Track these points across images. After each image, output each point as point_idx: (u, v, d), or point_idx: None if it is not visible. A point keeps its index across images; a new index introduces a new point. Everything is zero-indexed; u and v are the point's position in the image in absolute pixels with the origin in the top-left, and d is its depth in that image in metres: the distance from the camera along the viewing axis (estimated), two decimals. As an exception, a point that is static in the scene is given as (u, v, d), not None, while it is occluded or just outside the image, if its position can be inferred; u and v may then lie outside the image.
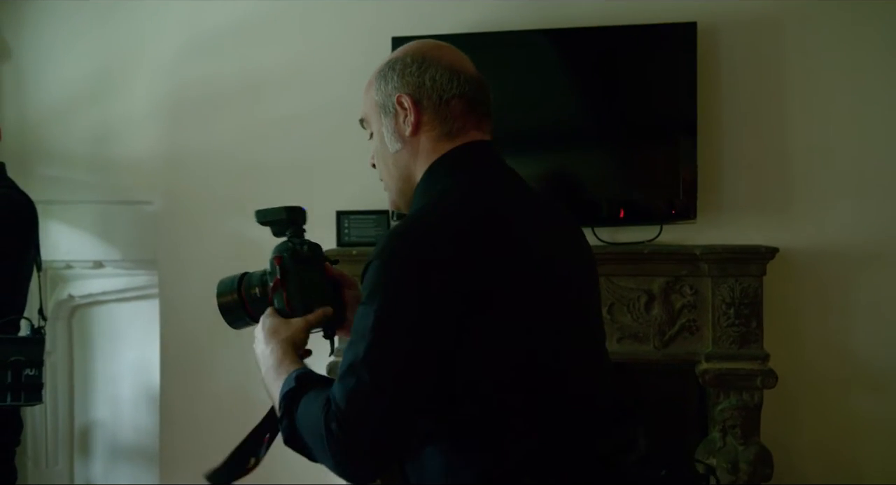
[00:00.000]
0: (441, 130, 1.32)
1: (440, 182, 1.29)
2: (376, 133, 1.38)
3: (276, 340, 1.35)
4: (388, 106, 1.33)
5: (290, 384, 1.24)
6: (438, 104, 1.31)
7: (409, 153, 1.33)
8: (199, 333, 3.14)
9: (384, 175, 1.40)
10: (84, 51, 3.21)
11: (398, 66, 1.33)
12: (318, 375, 1.27)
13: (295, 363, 1.31)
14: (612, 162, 2.85)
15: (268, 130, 3.08)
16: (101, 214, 3.22)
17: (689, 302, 2.69)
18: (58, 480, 3.32)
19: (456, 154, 1.31)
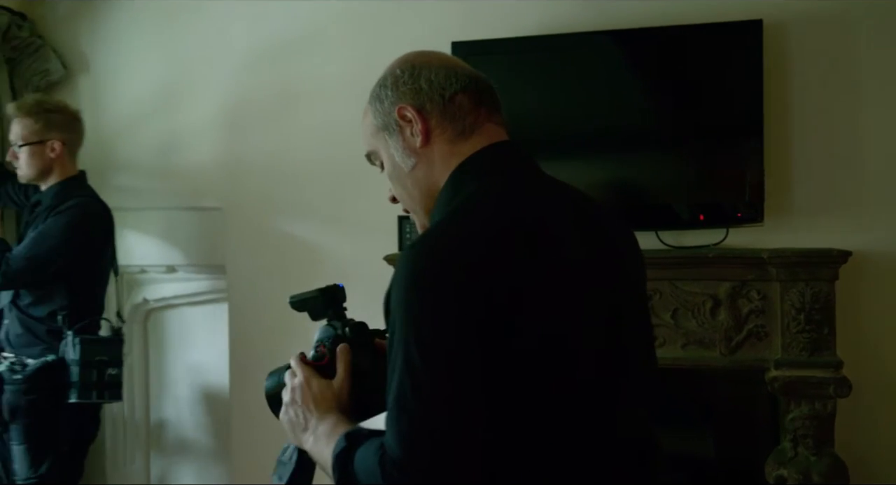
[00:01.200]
0: (453, 130, 1.24)
1: (465, 187, 1.20)
2: (386, 159, 1.29)
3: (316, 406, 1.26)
4: (391, 124, 1.26)
5: (341, 445, 1.14)
6: (443, 104, 1.23)
7: (426, 165, 1.25)
8: (266, 336, 3.20)
9: (406, 201, 1.30)
10: (154, 62, 3.33)
11: (389, 81, 1.27)
12: (369, 429, 1.16)
13: (341, 424, 1.21)
14: (677, 165, 2.78)
15: (330, 135, 3.12)
16: (173, 220, 3.32)
17: (756, 307, 2.61)
18: (135, 478, 3.43)
19: (481, 157, 1.23)
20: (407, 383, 1.04)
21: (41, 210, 2.88)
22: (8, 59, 3.26)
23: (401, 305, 1.07)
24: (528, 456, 1.09)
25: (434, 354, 1.04)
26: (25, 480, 2.74)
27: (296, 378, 1.30)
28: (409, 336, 1.05)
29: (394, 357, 1.07)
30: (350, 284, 3.21)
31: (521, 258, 1.08)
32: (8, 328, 2.90)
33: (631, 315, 1.24)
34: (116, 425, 3.41)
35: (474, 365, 1.04)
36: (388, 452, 1.03)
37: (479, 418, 1.04)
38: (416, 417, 1.03)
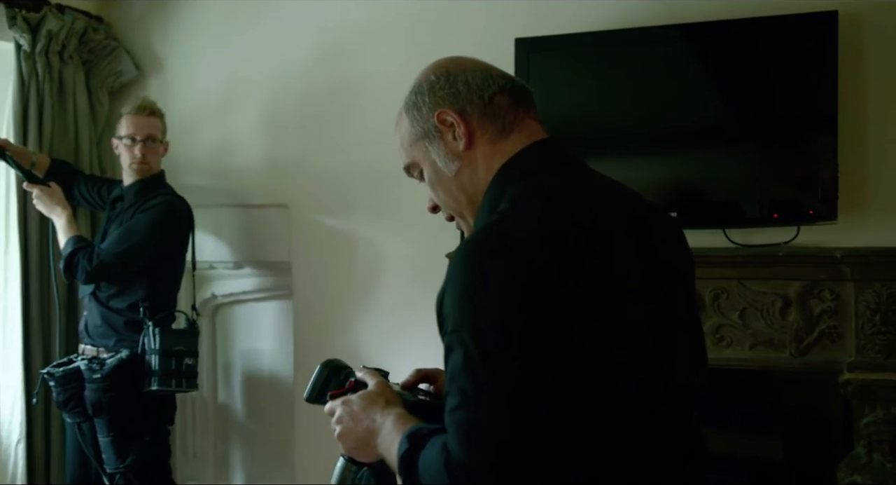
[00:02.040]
0: (494, 129, 1.23)
1: (512, 186, 1.19)
2: (427, 167, 1.28)
3: (373, 409, 1.24)
4: (431, 130, 1.25)
5: (404, 447, 1.12)
6: (483, 105, 1.23)
7: (470, 168, 1.24)
8: (330, 332, 3.25)
9: (452, 206, 1.29)
10: (221, 61, 3.40)
11: (425, 88, 1.27)
12: (431, 427, 1.13)
13: (401, 423, 1.19)
14: (747, 161, 2.71)
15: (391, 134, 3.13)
16: (240, 218, 3.39)
17: (829, 308, 2.53)
18: (204, 467, 3.51)
19: (527, 155, 1.22)
20: (470, 385, 1.02)
21: (125, 206, 3.00)
22: (84, 61, 3.36)
23: (459, 305, 1.06)
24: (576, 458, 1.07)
25: (497, 354, 1.03)
26: (115, 469, 2.87)
27: (339, 407, 1.29)
28: (469, 336, 1.04)
29: (454, 360, 1.05)
30: (412, 282, 3.25)
31: (578, 259, 1.07)
32: (87, 319, 3.02)
33: (680, 316, 1.21)
34: (186, 416, 3.49)
35: (539, 365, 1.03)
36: (452, 454, 1.02)
37: (543, 419, 1.02)
38: (480, 418, 1.01)
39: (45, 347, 3.23)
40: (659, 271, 1.19)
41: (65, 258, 2.90)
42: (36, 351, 3.19)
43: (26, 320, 3.17)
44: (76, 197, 3.16)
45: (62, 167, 3.14)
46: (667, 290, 1.19)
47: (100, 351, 2.97)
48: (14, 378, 3.16)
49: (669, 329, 1.17)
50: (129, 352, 2.89)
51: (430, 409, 1.27)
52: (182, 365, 2.91)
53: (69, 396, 2.95)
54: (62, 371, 2.95)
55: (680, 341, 1.19)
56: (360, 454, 1.26)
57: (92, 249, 2.90)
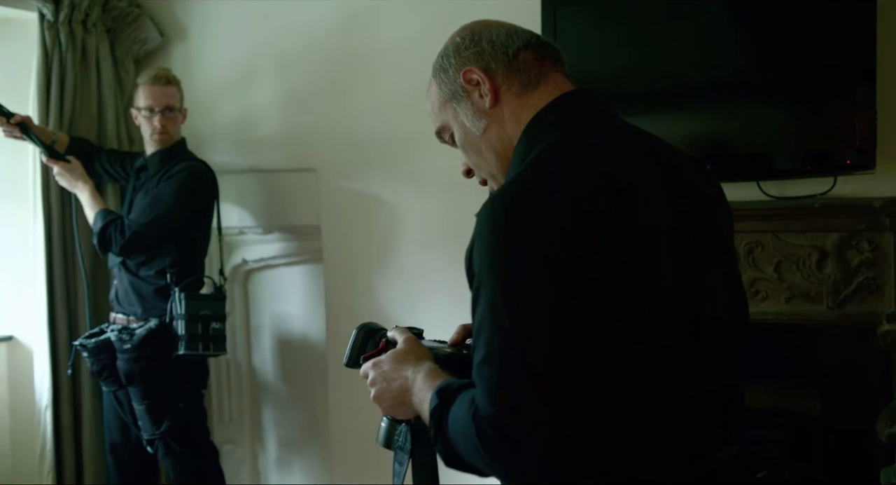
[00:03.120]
0: (520, 83, 1.24)
1: (542, 139, 1.17)
2: (457, 129, 1.29)
3: (404, 367, 1.24)
4: (458, 90, 1.27)
5: (434, 402, 1.12)
6: (508, 61, 1.24)
7: (498, 124, 1.24)
8: (361, 295, 3.25)
9: (483, 167, 1.29)
10: (248, 27, 3.37)
11: (451, 51, 1.29)
12: (461, 381, 1.13)
13: (430, 379, 1.19)
14: (781, 112, 2.65)
15: (420, 97, 3.09)
16: (268, 183, 3.38)
17: (867, 259, 2.48)
18: (240, 432, 3.56)
19: (556, 107, 1.21)
20: (497, 338, 1.02)
21: (149, 175, 3.01)
22: (108, 29, 3.36)
23: (487, 259, 1.06)
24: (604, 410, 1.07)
25: (524, 307, 1.02)
26: (152, 435, 2.92)
27: (371, 370, 1.29)
28: (499, 291, 1.03)
29: (481, 314, 1.05)
30: (441, 244, 3.24)
31: (607, 212, 1.06)
32: (117, 288, 3.05)
33: (716, 269, 1.19)
34: (221, 380, 3.53)
35: (566, 319, 1.02)
36: (480, 409, 1.02)
37: (570, 373, 1.02)
38: (506, 372, 1.00)
39: (70, 317, 3.28)
40: (694, 225, 1.17)
41: (97, 233, 2.93)
42: (61, 321, 3.24)
43: (51, 291, 3.22)
44: (98, 172, 3.18)
45: (82, 144, 3.16)
46: (703, 243, 1.17)
47: (130, 320, 3.00)
48: (41, 347, 3.22)
49: (703, 282, 1.15)
50: (157, 321, 2.93)
51: (460, 362, 1.27)
52: (209, 329, 2.93)
53: (102, 366, 3.00)
54: (94, 342, 2.99)
55: (715, 294, 1.17)
56: (397, 412, 1.27)
57: (122, 221, 2.92)
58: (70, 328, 3.26)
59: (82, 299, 3.23)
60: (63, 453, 3.25)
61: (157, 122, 2.98)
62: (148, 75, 3.02)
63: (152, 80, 2.99)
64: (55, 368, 3.21)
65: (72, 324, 3.28)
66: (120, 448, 3.12)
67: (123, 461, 3.11)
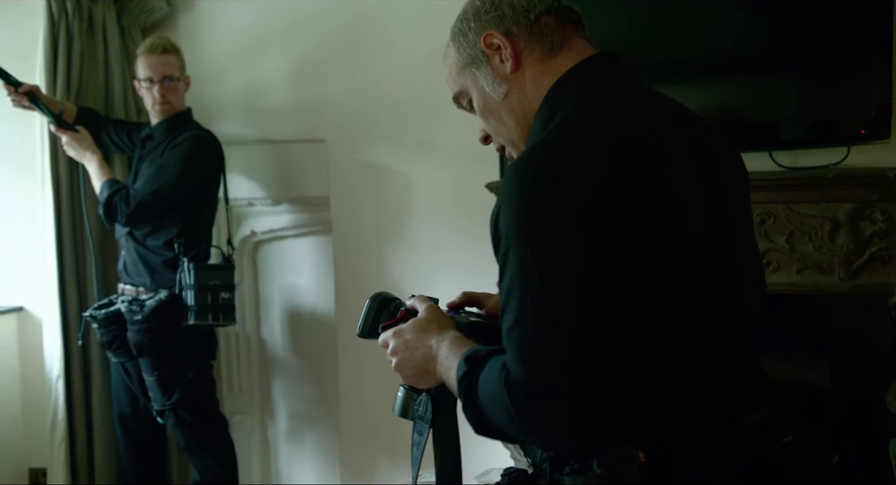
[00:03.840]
0: (542, 48, 1.22)
1: (566, 104, 1.16)
2: (476, 94, 1.27)
3: (428, 335, 1.24)
4: (477, 55, 1.24)
5: (462, 369, 1.11)
6: (529, 25, 1.22)
7: (519, 90, 1.22)
8: (370, 267, 3.25)
9: (502, 133, 1.27)
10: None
11: (471, 14, 1.26)
12: (488, 348, 1.13)
13: (456, 346, 1.18)
14: (794, 82, 2.61)
15: (430, 66, 3.07)
16: (277, 154, 3.37)
17: (880, 229, 2.46)
18: (250, 403, 3.58)
19: (579, 71, 1.19)
20: (528, 301, 1.01)
21: (154, 144, 2.99)
22: (115, -1, 3.33)
23: (515, 222, 1.05)
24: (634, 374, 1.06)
25: (555, 270, 1.01)
26: (162, 406, 2.93)
27: (392, 339, 1.28)
28: (529, 254, 1.02)
29: (510, 277, 1.04)
30: (451, 215, 3.23)
31: (636, 174, 1.05)
32: (125, 259, 3.05)
33: (739, 236, 1.19)
34: (231, 351, 3.54)
35: (597, 281, 1.01)
36: (512, 374, 1.01)
37: (603, 335, 1.01)
38: (538, 335, 1.00)
39: (80, 287, 3.28)
40: (719, 190, 1.16)
41: (103, 203, 2.92)
42: (71, 292, 3.25)
43: (61, 261, 3.23)
44: (105, 142, 3.16)
45: (89, 114, 3.14)
46: (727, 209, 1.16)
47: (139, 291, 3.01)
48: (52, 317, 3.23)
49: (729, 248, 1.15)
50: (167, 292, 2.93)
51: (484, 330, 1.27)
52: (218, 299, 2.94)
53: (112, 337, 3.01)
54: (104, 313, 2.99)
55: (738, 261, 1.17)
56: (420, 382, 1.26)
57: (127, 191, 2.92)
58: (80, 299, 3.27)
59: (91, 270, 3.23)
60: (75, 424, 3.27)
61: (156, 92, 2.97)
62: (144, 45, 3.00)
63: (149, 50, 2.97)
64: (66, 338, 3.22)
65: (81, 295, 3.28)
66: (129, 418, 3.14)
67: (132, 431, 3.13)
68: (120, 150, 3.23)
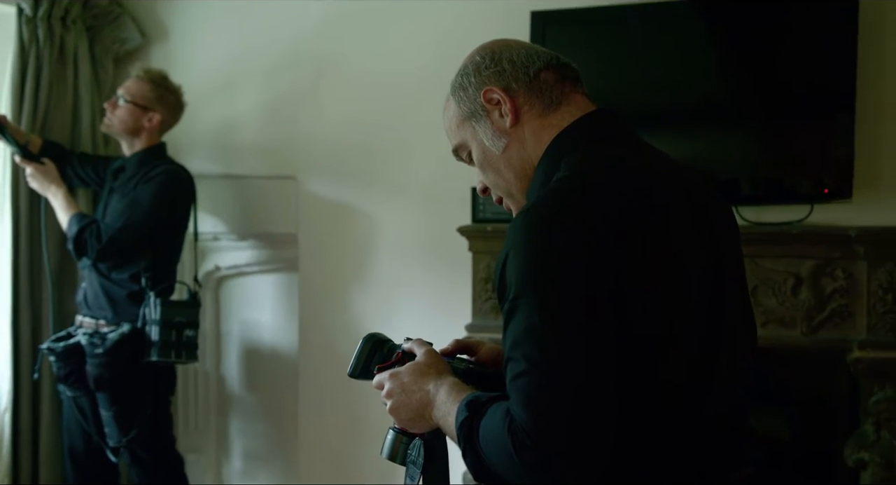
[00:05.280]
0: (541, 103, 1.24)
1: (567, 157, 1.18)
2: (476, 147, 1.29)
3: (425, 380, 1.23)
4: (477, 109, 1.27)
5: (463, 414, 1.12)
6: (529, 81, 1.25)
7: (518, 144, 1.25)
8: (336, 306, 3.23)
9: (501, 186, 1.29)
10: (230, 32, 3.33)
11: (471, 69, 1.29)
12: (488, 394, 1.13)
13: (455, 392, 1.18)
14: (761, 138, 2.71)
15: (404, 107, 3.11)
16: (247, 189, 3.34)
17: (841, 286, 2.54)
18: (206, 441, 3.50)
19: (581, 126, 1.22)
20: (537, 351, 1.02)
21: (127, 176, 2.96)
22: (88, 27, 3.30)
23: (524, 271, 1.06)
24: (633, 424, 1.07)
25: (563, 320, 1.03)
26: (118, 443, 2.85)
27: (388, 381, 1.27)
28: (539, 304, 1.04)
29: (519, 326, 1.05)
30: (423, 256, 3.24)
31: (641, 227, 1.08)
32: (86, 290, 2.99)
33: (732, 291, 1.21)
34: (188, 389, 3.47)
35: (603, 331, 1.03)
36: (516, 421, 1.02)
37: (608, 385, 1.02)
38: (546, 384, 1.01)
39: (34, 319, 3.19)
40: (713, 245, 1.19)
41: (72, 239, 2.86)
42: (24, 324, 3.16)
43: (15, 292, 3.14)
44: (69, 176, 3.10)
45: (54, 148, 3.08)
46: (722, 264, 1.19)
47: (99, 324, 2.94)
48: (3, 349, 3.13)
49: (723, 302, 1.17)
50: (130, 326, 2.87)
51: (479, 376, 1.27)
52: (182, 336, 2.88)
53: (70, 370, 2.93)
54: (63, 346, 2.92)
55: (732, 315, 1.19)
56: (414, 426, 1.25)
57: (97, 225, 2.86)
58: (33, 331, 3.18)
59: (47, 302, 3.15)
60: (20, 457, 3.16)
61: (107, 103, 2.99)
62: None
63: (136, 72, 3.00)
64: (16, 370, 3.12)
65: (35, 326, 3.19)
66: (80, 453, 3.04)
67: (82, 467, 3.03)
68: (84, 184, 3.17)
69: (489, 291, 2.79)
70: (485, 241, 2.81)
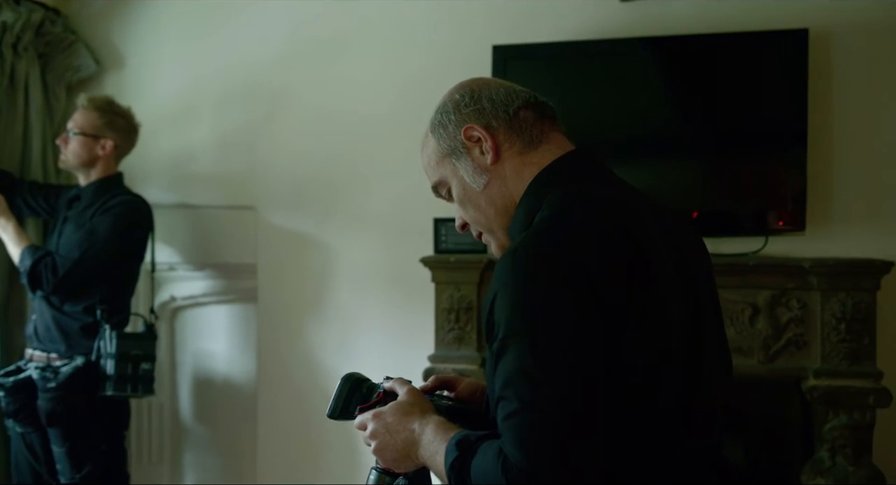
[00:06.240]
0: (521, 141, 1.27)
1: (551, 194, 1.21)
2: (456, 184, 1.31)
3: (410, 419, 1.24)
4: (457, 147, 1.29)
5: (453, 454, 1.12)
6: (508, 119, 1.27)
7: (499, 181, 1.27)
8: (296, 337, 3.20)
9: (482, 222, 1.31)
10: (186, 60, 3.31)
11: (450, 107, 1.31)
12: (477, 433, 1.14)
13: (442, 431, 1.19)
14: (718, 172, 2.79)
15: (366, 138, 3.12)
16: (205, 219, 3.30)
17: (796, 316, 2.61)
18: (160, 475, 3.42)
19: (561, 165, 1.25)
20: (529, 390, 1.03)
21: (82, 206, 2.88)
22: (41, 54, 3.23)
23: (513, 310, 1.07)
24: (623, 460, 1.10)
25: (554, 358, 1.04)
26: (71, 480, 2.76)
27: (371, 421, 1.27)
28: (525, 341, 1.05)
29: (510, 366, 1.06)
30: (384, 287, 3.22)
31: (627, 263, 1.10)
32: (36, 323, 2.90)
33: (709, 325, 1.24)
34: (142, 422, 3.39)
35: (594, 368, 1.05)
36: (510, 460, 1.02)
37: (599, 421, 1.04)
38: (539, 422, 1.02)
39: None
40: (690, 280, 1.21)
41: (27, 272, 2.78)
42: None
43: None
44: (19, 205, 3.02)
45: (3, 177, 3.00)
46: (699, 298, 1.22)
47: (51, 357, 2.85)
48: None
49: (702, 333, 1.20)
50: (84, 359, 2.79)
51: (460, 413, 1.27)
52: (139, 369, 2.82)
53: (20, 405, 2.84)
54: (13, 381, 2.83)
55: (710, 349, 1.22)
56: (399, 466, 1.25)
57: (52, 258, 2.78)
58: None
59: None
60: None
61: (59, 139, 2.92)
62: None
63: (80, 104, 2.93)
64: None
65: (-19, 363, 3.09)
66: (29, 492, 2.94)
67: (31, 506, 2.94)
68: (35, 213, 3.09)
69: (452, 322, 2.79)
70: (447, 271, 2.81)
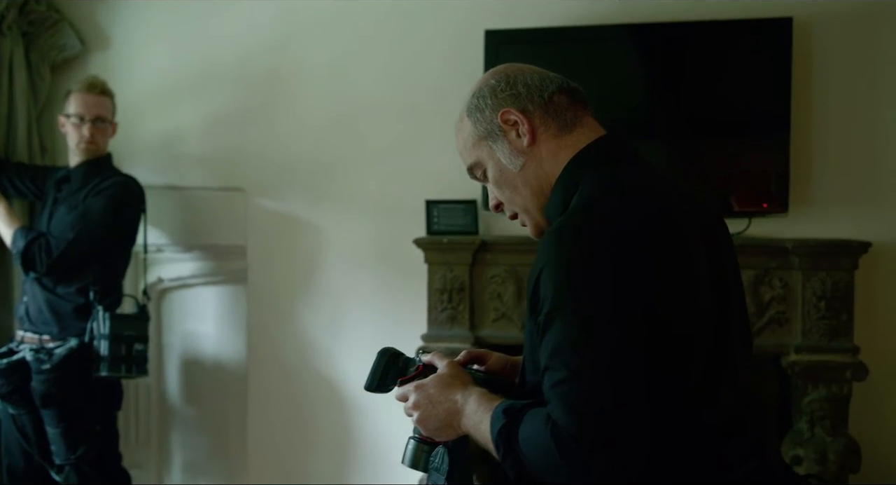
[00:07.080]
0: (556, 124, 1.33)
1: (587, 176, 1.27)
2: (492, 165, 1.36)
3: (452, 391, 1.30)
4: (494, 130, 1.34)
5: (500, 421, 1.18)
6: (544, 103, 1.33)
7: (535, 162, 1.33)
8: (285, 317, 3.23)
9: (518, 202, 1.37)
10: (175, 40, 3.29)
11: (486, 92, 1.36)
12: (521, 402, 1.20)
13: (485, 401, 1.25)
14: (704, 155, 2.87)
15: (358, 120, 3.14)
16: (194, 201, 3.30)
17: (778, 295, 2.72)
18: (149, 456, 3.44)
19: (596, 148, 1.31)
20: (577, 361, 1.10)
21: (74, 188, 2.87)
22: (24, 33, 3.20)
23: (560, 284, 1.13)
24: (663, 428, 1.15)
25: (601, 329, 1.11)
26: (66, 461, 2.77)
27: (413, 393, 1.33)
28: (573, 313, 1.11)
29: (558, 336, 1.12)
30: (374, 268, 3.26)
31: (666, 242, 1.18)
32: (28, 305, 2.89)
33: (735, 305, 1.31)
34: (129, 402, 3.39)
35: (638, 339, 1.12)
36: (559, 425, 1.09)
37: (644, 389, 1.11)
38: (588, 389, 1.08)
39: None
40: (719, 261, 1.28)
41: (20, 253, 2.77)
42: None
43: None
44: (5, 186, 3.01)
45: None
46: (725, 279, 1.29)
47: (43, 339, 2.85)
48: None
49: (728, 311, 1.27)
50: (77, 340, 2.80)
51: (496, 385, 1.33)
52: (132, 350, 2.84)
53: (14, 387, 2.84)
54: (6, 363, 2.83)
55: (734, 324, 1.29)
56: (441, 435, 1.31)
57: (46, 239, 2.78)
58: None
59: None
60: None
61: (86, 131, 2.87)
62: (83, 83, 2.90)
63: (87, 88, 2.88)
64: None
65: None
66: (20, 474, 2.94)
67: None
68: (21, 195, 3.07)
69: (445, 302, 2.85)
70: (440, 252, 2.87)
